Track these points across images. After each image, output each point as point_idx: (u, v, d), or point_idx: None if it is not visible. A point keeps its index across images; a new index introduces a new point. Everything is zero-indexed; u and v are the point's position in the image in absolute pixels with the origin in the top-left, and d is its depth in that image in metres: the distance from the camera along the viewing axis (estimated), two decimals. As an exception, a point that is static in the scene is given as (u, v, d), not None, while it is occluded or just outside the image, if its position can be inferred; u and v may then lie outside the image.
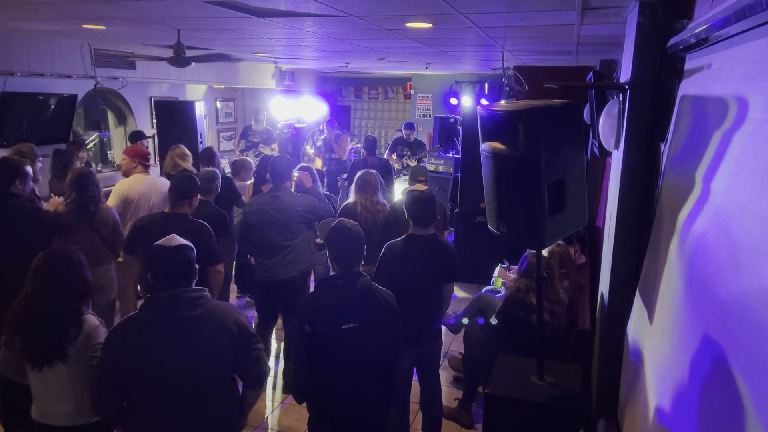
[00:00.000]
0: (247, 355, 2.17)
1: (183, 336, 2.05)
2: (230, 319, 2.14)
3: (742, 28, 1.26)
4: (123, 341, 2.08)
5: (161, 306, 2.09)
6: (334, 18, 3.61)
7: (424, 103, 11.39)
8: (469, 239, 6.38)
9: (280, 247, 3.93)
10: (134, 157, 4.76)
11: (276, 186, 3.99)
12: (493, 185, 2.37)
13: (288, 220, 3.91)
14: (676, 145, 1.94)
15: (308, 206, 3.98)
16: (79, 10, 3.67)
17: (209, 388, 2.12)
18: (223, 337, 2.10)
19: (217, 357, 2.10)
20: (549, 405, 2.49)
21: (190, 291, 2.11)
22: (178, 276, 2.10)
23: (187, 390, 2.07)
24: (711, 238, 1.36)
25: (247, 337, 2.16)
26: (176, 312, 2.06)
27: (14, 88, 5.48)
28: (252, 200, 4.06)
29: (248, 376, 2.25)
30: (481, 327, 3.86)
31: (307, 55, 7.32)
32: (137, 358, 2.03)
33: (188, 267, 2.14)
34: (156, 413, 2.09)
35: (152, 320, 2.08)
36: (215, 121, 10.20)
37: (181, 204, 3.48)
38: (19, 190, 3.40)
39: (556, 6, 3.03)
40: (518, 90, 6.56)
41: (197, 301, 2.10)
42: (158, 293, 2.10)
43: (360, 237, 2.50)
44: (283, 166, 4.03)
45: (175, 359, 2.03)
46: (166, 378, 2.04)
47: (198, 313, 2.08)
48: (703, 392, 1.24)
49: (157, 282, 2.10)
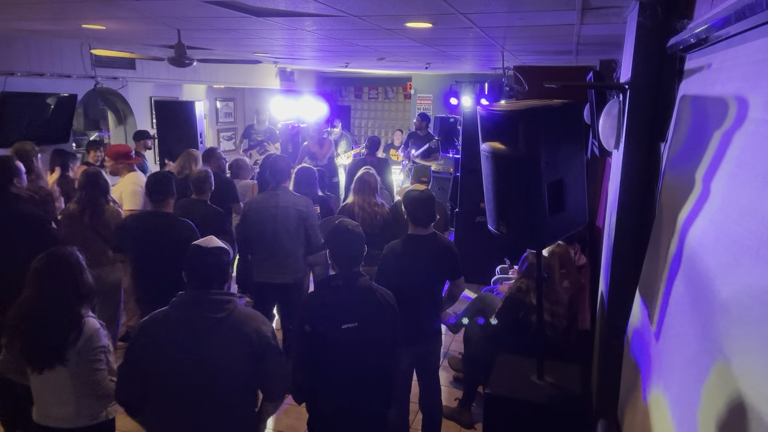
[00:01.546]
0: (265, 367, 2.15)
1: (204, 336, 2.05)
2: (251, 326, 2.12)
3: (742, 28, 1.26)
4: (148, 333, 2.09)
5: (188, 304, 2.09)
6: (334, 18, 3.61)
7: (424, 103, 11.38)
8: (469, 239, 6.37)
9: (277, 247, 3.93)
10: (115, 158, 4.77)
11: (276, 185, 4.01)
12: (493, 185, 2.37)
13: (286, 218, 3.92)
14: (676, 145, 1.93)
15: (306, 206, 3.99)
16: (79, 10, 3.67)
17: (226, 391, 2.10)
18: (241, 343, 2.09)
19: (234, 362, 2.09)
20: (549, 405, 2.50)
21: (219, 294, 2.11)
22: (210, 278, 2.11)
23: (203, 389, 2.07)
24: (711, 238, 1.36)
25: (267, 348, 2.14)
26: (200, 312, 2.07)
27: (14, 88, 5.48)
28: (252, 198, 4.08)
29: (265, 388, 2.24)
30: (481, 327, 3.86)
31: (307, 55, 7.32)
32: (159, 351, 2.05)
33: (221, 270, 2.14)
34: (173, 408, 2.09)
35: (178, 317, 2.09)
36: (215, 121, 10.20)
37: (162, 203, 3.50)
38: (18, 189, 3.40)
39: (556, 6, 3.03)
40: (518, 90, 6.56)
41: (224, 305, 2.10)
42: (188, 292, 2.11)
43: (360, 237, 2.50)
44: (282, 166, 4.05)
45: (195, 358, 2.03)
46: (184, 375, 2.04)
47: (220, 317, 2.07)
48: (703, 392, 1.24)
49: (189, 281, 2.11)
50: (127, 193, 4.57)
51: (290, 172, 4.15)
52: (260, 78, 9.63)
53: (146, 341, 2.09)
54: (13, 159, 3.48)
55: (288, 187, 4.08)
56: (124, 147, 5.02)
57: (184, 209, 4.08)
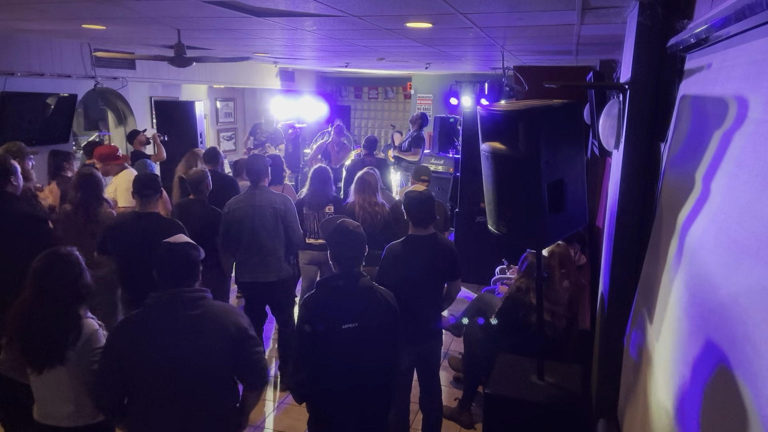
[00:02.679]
0: (246, 358, 2.17)
1: (182, 335, 2.06)
2: (229, 320, 2.14)
3: (742, 28, 1.26)
4: (123, 338, 2.09)
5: (162, 305, 2.10)
6: (334, 18, 3.61)
7: (424, 103, 11.38)
8: (469, 239, 6.37)
9: (257, 246, 3.93)
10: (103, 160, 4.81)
11: (254, 184, 4.01)
12: (493, 185, 2.37)
13: (264, 217, 3.92)
14: (676, 145, 1.94)
15: (283, 203, 4.00)
16: (79, 10, 3.67)
17: (208, 388, 2.12)
18: (222, 338, 2.10)
19: (216, 357, 2.10)
20: (549, 405, 2.49)
21: (192, 291, 2.12)
22: (180, 275, 2.11)
23: (185, 388, 2.07)
24: (711, 238, 1.36)
25: (246, 339, 2.16)
26: (176, 311, 2.07)
27: (14, 88, 5.47)
28: (232, 199, 4.06)
29: (247, 378, 2.26)
30: (481, 327, 3.85)
31: (307, 55, 7.32)
32: (137, 355, 2.04)
33: (191, 266, 2.15)
34: (155, 410, 2.10)
35: (152, 318, 2.09)
36: (215, 121, 10.20)
37: (148, 203, 3.49)
38: (14, 188, 3.39)
39: (556, 6, 3.03)
40: (518, 90, 6.56)
41: (198, 301, 2.11)
42: (160, 292, 2.11)
43: (361, 237, 2.50)
44: (259, 165, 4.05)
45: (174, 358, 2.04)
46: (165, 376, 2.05)
47: (197, 314, 2.08)
48: (703, 392, 1.24)
49: (160, 280, 2.11)
50: (121, 191, 4.59)
51: (268, 171, 4.12)
52: (260, 78, 9.63)
53: (122, 344, 2.08)
54: (8, 158, 3.48)
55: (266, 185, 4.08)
56: (108, 148, 5.07)
57: (181, 210, 4.07)
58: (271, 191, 4.09)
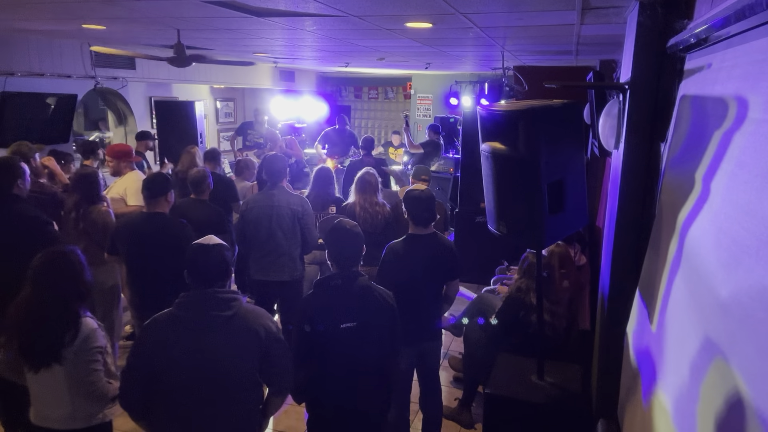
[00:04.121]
0: (273, 362, 2.17)
1: (212, 336, 2.05)
2: (259, 323, 2.13)
3: (742, 28, 1.26)
4: (154, 336, 2.09)
5: (194, 304, 2.09)
6: (334, 18, 3.61)
7: (424, 103, 11.38)
8: (469, 239, 6.37)
9: (273, 246, 3.96)
10: (118, 157, 4.79)
11: (272, 184, 4.03)
12: (493, 185, 2.37)
13: (281, 218, 3.94)
14: (676, 145, 1.94)
15: (301, 205, 4.01)
16: (79, 10, 3.67)
17: (234, 389, 2.11)
18: (250, 340, 2.10)
19: (243, 359, 2.09)
20: (549, 405, 2.50)
21: (224, 292, 2.11)
22: (212, 276, 2.10)
23: (211, 389, 2.07)
24: (711, 238, 1.36)
25: (274, 344, 2.16)
26: (207, 311, 2.07)
27: (14, 88, 5.48)
28: (249, 198, 4.11)
29: (272, 382, 2.26)
30: (481, 327, 3.86)
31: (307, 55, 7.32)
32: (166, 353, 2.04)
33: (223, 267, 2.14)
34: (180, 409, 2.09)
35: (184, 317, 2.08)
36: (215, 121, 10.20)
37: (156, 203, 3.49)
38: (20, 190, 3.40)
39: (556, 6, 3.03)
40: (518, 90, 6.56)
41: (230, 302, 2.10)
42: (193, 292, 2.10)
43: (359, 237, 2.50)
44: (279, 166, 4.08)
45: (202, 358, 2.03)
46: (191, 375, 2.04)
47: (228, 315, 2.08)
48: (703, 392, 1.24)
49: (192, 280, 2.11)
50: (132, 190, 4.59)
51: (287, 171, 4.15)
52: (260, 78, 9.63)
53: (151, 344, 2.08)
54: (17, 160, 3.48)
55: (284, 186, 4.10)
56: (125, 146, 5.03)
57: (183, 209, 4.08)
58: (290, 192, 4.12)
